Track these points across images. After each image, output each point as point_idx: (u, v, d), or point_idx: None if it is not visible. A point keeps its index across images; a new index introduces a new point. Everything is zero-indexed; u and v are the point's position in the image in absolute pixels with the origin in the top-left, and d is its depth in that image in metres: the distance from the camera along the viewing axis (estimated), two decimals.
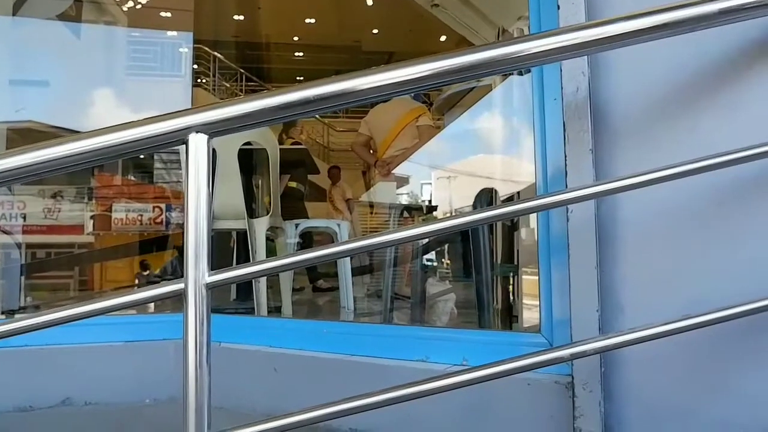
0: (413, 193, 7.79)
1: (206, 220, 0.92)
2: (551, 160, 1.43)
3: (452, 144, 5.16)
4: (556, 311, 1.39)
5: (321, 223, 3.50)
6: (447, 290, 3.58)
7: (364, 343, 1.73)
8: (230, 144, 2.71)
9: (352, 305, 3.16)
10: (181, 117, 0.95)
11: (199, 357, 0.91)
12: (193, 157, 0.93)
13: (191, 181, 0.92)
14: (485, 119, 4.03)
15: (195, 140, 0.94)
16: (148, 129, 0.95)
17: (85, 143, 0.94)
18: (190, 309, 0.91)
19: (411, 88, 1.01)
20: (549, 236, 1.42)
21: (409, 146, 3.86)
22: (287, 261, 1.09)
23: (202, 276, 0.92)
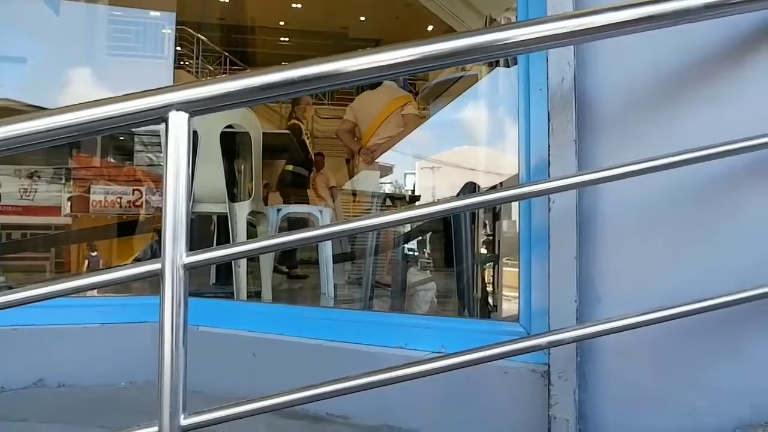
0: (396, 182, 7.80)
1: (185, 199, 0.90)
2: (535, 150, 1.44)
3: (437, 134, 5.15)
4: (535, 301, 1.40)
5: (303, 209, 3.48)
6: (427, 279, 3.59)
7: (344, 329, 1.73)
8: (212, 126, 2.68)
9: (332, 292, 3.15)
10: (162, 94, 0.93)
11: (176, 338, 0.90)
12: (173, 136, 0.91)
13: (170, 159, 0.90)
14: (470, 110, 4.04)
15: (175, 118, 0.92)
16: (127, 105, 0.93)
17: (60, 118, 0.92)
18: (166, 289, 0.90)
19: (396, 72, 1.01)
20: (530, 226, 1.43)
21: (393, 134, 3.85)
22: (267, 243, 1.08)
23: (179, 256, 0.91)
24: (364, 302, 3.01)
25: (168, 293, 0.90)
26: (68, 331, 1.99)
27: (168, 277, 0.90)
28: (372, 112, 3.90)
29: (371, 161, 3.89)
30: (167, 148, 0.91)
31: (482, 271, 2.55)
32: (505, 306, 2.17)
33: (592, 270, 1.29)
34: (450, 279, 3.77)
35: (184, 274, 0.91)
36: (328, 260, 3.15)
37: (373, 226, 1.07)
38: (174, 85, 0.94)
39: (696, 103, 1.24)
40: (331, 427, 1.61)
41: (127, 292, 2.61)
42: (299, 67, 0.94)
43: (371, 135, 3.87)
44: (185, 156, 0.91)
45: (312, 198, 6.59)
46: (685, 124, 1.24)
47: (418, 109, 4.04)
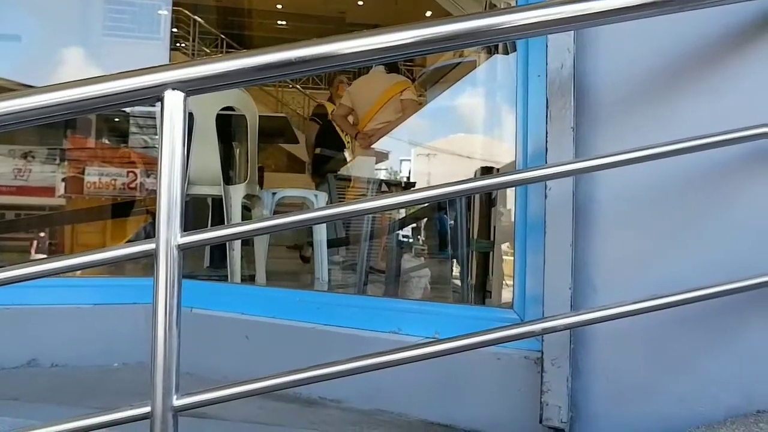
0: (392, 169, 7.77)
1: (180, 179, 0.89)
2: (532, 137, 1.43)
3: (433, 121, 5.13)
4: (530, 288, 1.40)
5: (298, 192, 3.46)
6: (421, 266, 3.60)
7: (338, 313, 1.73)
8: (208, 109, 2.65)
9: (326, 276, 3.15)
10: (157, 73, 0.92)
11: (169, 319, 0.89)
12: (168, 116, 0.90)
13: (166, 139, 0.89)
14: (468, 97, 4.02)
15: (171, 98, 0.91)
16: (122, 83, 0.91)
17: (54, 95, 0.90)
18: (160, 270, 0.89)
19: (395, 55, 0.99)
20: (526, 213, 1.43)
21: (391, 120, 3.84)
22: (261, 225, 1.08)
23: (174, 237, 0.90)
24: (358, 287, 3.02)
25: (162, 274, 0.89)
26: (61, 312, 1.99)
27: (162, 258, 0.89)
28: (370, 96, 3.88)
29: (368, 146, 3.88)
30: (162, 127, 0.90)
31: (477, 257, 2.55)
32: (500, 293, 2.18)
33: (588, 258, 1.29)
34: (444, 265, 3.79)
35: (178, 254, 0.91)
36: (322, 244, 3.15)
37: (367, 210, 1.07)
38: (170, 64, 0.93)
39: (695, 92, 1.24)
40: (324, 410, 1.61)
41: (120, 273, 2.60)
42: (297, 48, 0.93)
43: (369, 120, 3.86)
44: (180, 136, 0.90)
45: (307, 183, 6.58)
46: (684, 113, 1.24)
47: (416, 95, 4.03)
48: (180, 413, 0.91)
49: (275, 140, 4.90)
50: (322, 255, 3.11)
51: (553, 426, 1.27)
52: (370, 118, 3.87)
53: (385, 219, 3.56)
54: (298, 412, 1.60)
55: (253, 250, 2.87)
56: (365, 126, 3.90)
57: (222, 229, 1.01)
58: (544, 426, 1.28)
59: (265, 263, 2.89)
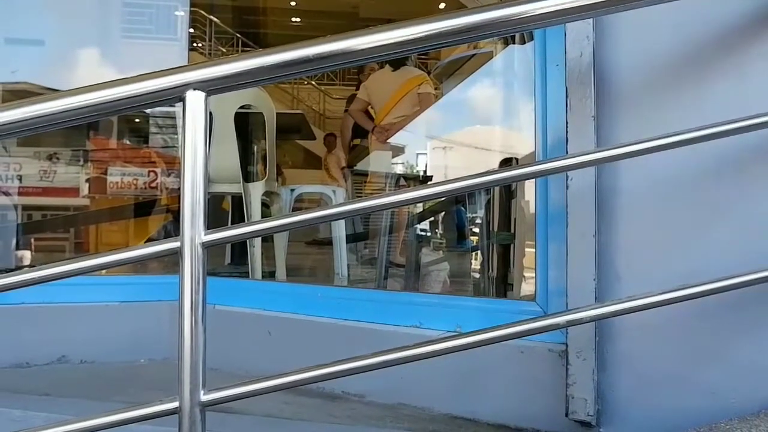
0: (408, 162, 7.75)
1: (203, 178, 0.90)
2: (552, 127, 1.42)
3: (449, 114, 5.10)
4: (553, 280, 1.39)
5: (316, 188, 3.48)
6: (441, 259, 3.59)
7: (358, 308, 1.74)
8: (227, 107, 2.67)
9: (345, 272, 3.16)
10: (179, 73, 0.92)
11: (195, 316, 0.90)
12: (190, 115, 0.91)
13: (188, 138, 0.90)
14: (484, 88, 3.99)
15: (192, 98, 0.91)
16: (145, 85, 0.92)
17: (79, 98, 0.92)
18: (186, 267, 0.90)
19: (411, 49, 0.99)
20: (547, 204, 1.42)
21: (408, 114, 3.83)
22: (283, 222, 1.08)
23: (198, 235, 0.90)
24: (378, 282, 3.02)
25: (187, 271, 0.90)
26: (89, 309, 2.02)
27: (187, 255, 0.90)
28: (387, 90, 3.87)
29: (385, 140, 3.87)
30: (185, 127, 0.91)
31: (497, 250, 2.54)
32: (521, 286, 2.16)
33: (611, 248, 1.27)
34: (464, 259, 3.77)
35: (202, 252, 0.91)
36: (341, 239, 3.16)
37: (385, 205, 1.06)
38: (191, 64, 0.94)
39: (719, 77, 1.21)
40: (347, 404, 1.62)
41: (145, 271, 2.64)
42: (315, 45, 0.92)
43: (386, 114, 3.85)
44: (202, 135, 0.90)
45: (324, 178, 6.59)
46: (708, 100, 1.21)
47: (433, 88, 4.01)
48: (207, 408, 0.92)
49: (292, 137, 4.90)
50: (341, 251, 3.12)
51: (579, 419, 1.26)
52: (386, 112, 3.86)
53: (403, 213, 3.55)
54: (321, 406, 1.61)
55: (272, 247, 2.88)
56: (382, 120, 3.89)
57: (245, 226, 1.02)
58: (570, 419, 1.27)
59: (285, 259, 2.90)
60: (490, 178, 1.13)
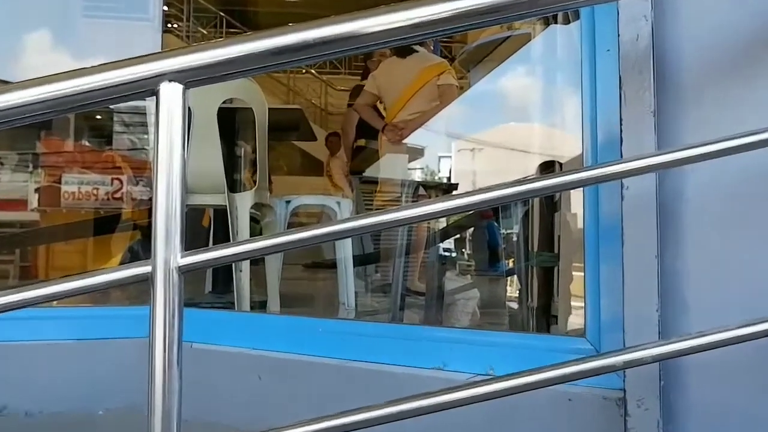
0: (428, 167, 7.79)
1: (179, 187, 0.91)
2: (603, 125, 1.42)
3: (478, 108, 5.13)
4: (606, 310, 1.39)
5: (317, 200, 3.49)
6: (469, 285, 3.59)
7: (368, 345, 1.74)
8: (208, 102, 2.70)
9: (353, 301, 3.16)
10: (151, 62, 0.94)
11: (168, 356, 0.91)
12: (165, 112, 0.92)
13: (162, 139, 0.91)
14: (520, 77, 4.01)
15: (167, 91, 0.92)
16: (110, 76, 0.94)
17: (26, 94, 0.92)
18: (158, 297, 0.90)
19: (431, 32, 1.00)
20: (598, 218, 1.42)
21: (426, 109, 3.85)
22: (277, 241, 1.08)
23: (173, 257, 0.91)
24: (392, 313, 3.02)
25: (160, 301, 0.91)
26: (37, 349, 2.03)
27: (160, 282, 0.91)
28: (400, 82, 3.90)
29: (399, 141, 3.89)
30: (158, 126, 0.92)
31: (537, 274, 2.53)
32: (568, 319, 2.16)
33: (678, 271, 1.27)
34: (496, 285, 3.77)
35: (178, 278, 0.92)
36: (347, 263, 3.16)
37: (402, 221, 1.07)
38: (166, 51, 0.95)
39: None
40: None
41: (106, 301, 2.65)
42: (316, 27, 0.94)
43: (399, 110, 3.87)
44: (179, 135, 0.91)
45: (326, 187, 6.61)
46: None
47: (456, 78, 4.03)
48: None
49: (288, 137, 4.93)
50: (347, 275, 3.13)
51: None
52: (400, 107, 3.88)
53: (423, 230, 3.55)
54: None
55: (263, 271, 2.89)
56: (395, 117, 3.91)
57: (230, 247, 1.03)
58: None
59: (279, 286, 2.91)
60: (528, 187, 1.14)
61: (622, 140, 1.31)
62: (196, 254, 0.94)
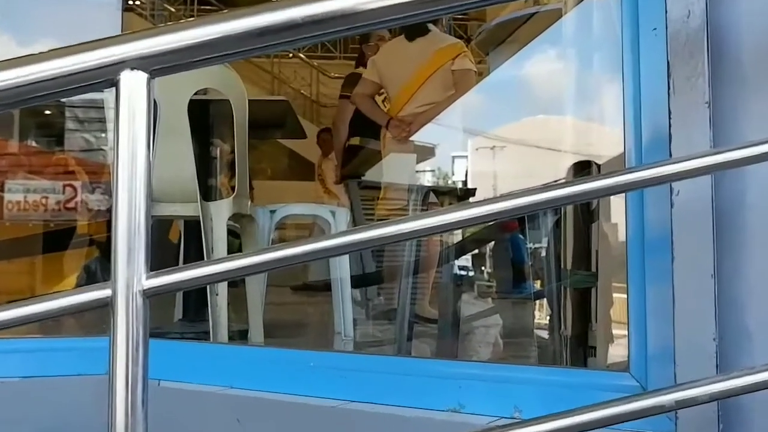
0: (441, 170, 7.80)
1: (144, 196, 0.91)
2: (649, 118, 1.42)
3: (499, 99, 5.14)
4: (653, 339, 1.39)
5: (308, 209, 3.51)
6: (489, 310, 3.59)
7: (370, 383, 1.74)
8: (177, 93, 2.70)
9: (351, 330, 3.16)
10: (110, 47, 0.94)
11: (132, 396, 0.91)
12: (126, 105, 0.92)
13: (123, 139, 0.91)
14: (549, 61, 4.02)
15: (129, 80, 0.93)
16: (61, 64, 0.94)
17: None
18: (119, 326, 0.91)
19: (445, 8, 1.01)
20: (643, 229, 1.42)
21: (438, 100, 3.85)
22: (259, 259, 1.09)
23: (137, 278, 0.92)
24: (398, 345, 3.02)
25: (121, 331, 0.91)
26: None
27: (121, 308, 0.91)
28: (407, 68, 3.90)
29: (406, 138, 3.89)
30: (118, 122, 0.92)
31: (571, 297, 2.53)
32: (608, 349, 2.15)
33: (738, 292, 1.27)
34: (522, 309, 3.76)
35: (143, 303, 0.92)
36: (344, 284, 3.16)
37: (409, 233, 1.07)
38: (127, 34, 0.96)
39: None
40: None
41: (56, 332, 2.65)
42: (307, 3, 0.94)
43: (406, 101, 3.87)
44: (144, 134, 0.92)
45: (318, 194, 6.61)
46: None
47: (475, 63, 4.03)
48: None
49: (272, 134, 4.93)
50: (344, 300, 3.13)
51: None
52: (407, 98, 3.89)
53: (435, 244, 3.56)
54: None
55: (244, 295, 2.89)
56: (401, 110, 3.92)
57: (204, 266, 1.03)
58: None
59: (263, 313, 2.91)
60: (559, 192, 1.14)
61: (671, 136, 1.32)
62: (164, 275, 0.94)
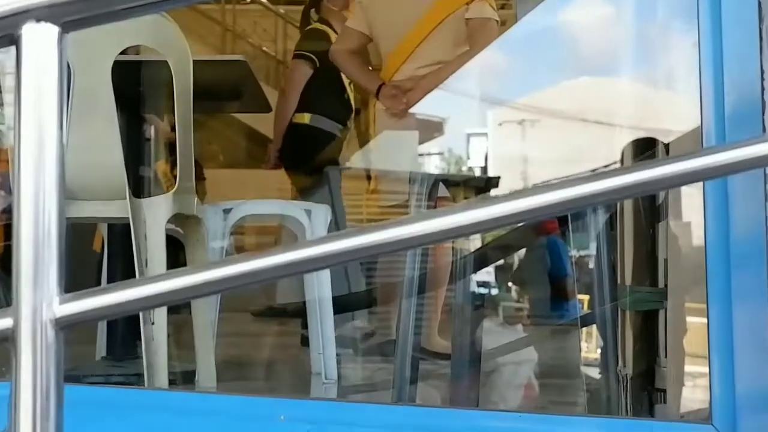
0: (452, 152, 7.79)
1: (56, 192, 0.91)
2: (733, 81, 1.43)
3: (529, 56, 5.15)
4: (743, 379, 1.39)
5: (273, 206, 3.49)
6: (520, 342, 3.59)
7: None
8: (97, 53, 2.70)
9: (333, 370, 3.16)
10: None
11: None
12: (30, 69, 0.92)
13: (27, 115, 0.91)
14: (595, 5, 4.03)
15: (34, 35, 0.93)
16: None
17: None
18: (23, 367, 0.90)
19: None
20: (728, 231, 1.42)
21: (448, 59, 3.85)
22: (209, 276, 1.08)
23: (45, 304, 0.91)
24: (398, 389, 3.02)
25: (26, 373, 0.91)
26: None
27: (26, 344, 0.91)
28: (406, 14, 3.90)
29: (404, 110, 3.89)
30: (19, 93, 0.92)
31: (631, 321, 2.54)
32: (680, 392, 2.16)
33: None
34: (565, 340, 3.76)
35: (55, 336, 0.92)
36: (323, 308, 3.16)
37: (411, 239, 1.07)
38: None
39: None
40: None
41: None
42: None
43: (404, 60, 3.88)
44: (55, 108, 0.92)
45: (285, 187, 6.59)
46: None
47: (495, 9, 4.03)
48: None
49: (226, 107, 4.91)
50: (324, 329, 3.13)
51: None
52: (406, 56, 3.89)
53: (445, 253, 3.55)
54: None
55: (190, 323, 2.89)
56: (396, 71, 3.92)
57: (134, 285, 1.03)
58: None
59: (215, 347, 2.91)
60: (613, 182, 1.14)
61: (764, 106, 1.32)
62: (82, 298, 0.94)
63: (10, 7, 0.93)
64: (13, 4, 0.93)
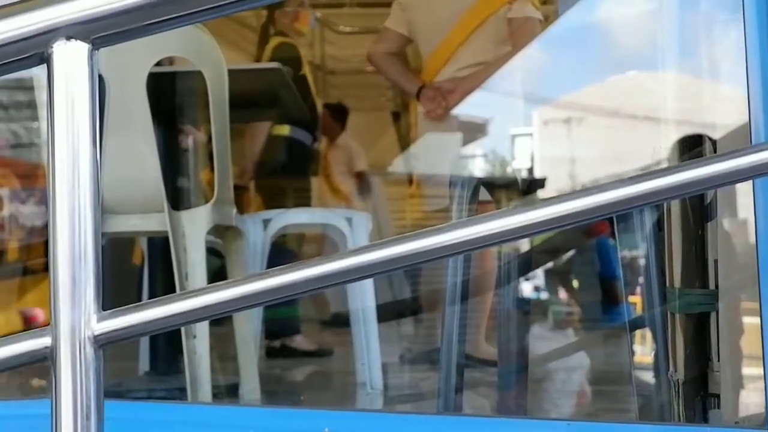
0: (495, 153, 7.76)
1: (92, 207, 0.92)
2: None
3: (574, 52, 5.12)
4: None
5: (314, 216, 3.50)
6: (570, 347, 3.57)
7: None
8: (132, 67, 2.71)
9: (378, 380, 3.15)
10: (36, 10, 0.95)
11: None
12: (62, 86, 0.93)
13: (60, 131, 0.92)
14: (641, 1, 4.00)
15: (65, 53, 0.94)
16: None
17: None
18: (63, 384, 0.91)
19: None
20: None
21: (489, 59, 3.83)
22: (250, 289, 1.09)
23: (84, 320, 0.92)
24: (444, 398, 3.01)
25: (66, 391, 0.91)
26: None
27: (65, 361, 0.92)
28: (445, 15, 3.89)
29: (443, 112, 3.88)
30: (52, 109, 0.93)
31: (683, 325, 2.51)
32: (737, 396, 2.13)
33: None
34: (616, 345, 3.73)
35: (94, 353, 0.93)
36: (368, 318, 3.16)
37: (454, 246, 1.07)
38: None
39: None
40: None
41: None
42: None
43: (445, 61, 3.87)
44: (88, 123, 0.92)
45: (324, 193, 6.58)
46: None
47: (537, 7, 4.02)
48: None
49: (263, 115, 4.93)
50: (368, 338, 3.12)
51: None
52: (447, 56, 3.88)
53: (490, 258, 3.54)
54: None
55: (232, 335, 2.90)
56: (437, 73, 3.91)
57: (175, 300, 1.03)
58: None
59: (258, 360, 2.91)
60: (662, 182, 1.14)
61: None
62: (121, 315, 0.95)
63: (40, 26, 0.94)
64: (43, 23, 0.94)
